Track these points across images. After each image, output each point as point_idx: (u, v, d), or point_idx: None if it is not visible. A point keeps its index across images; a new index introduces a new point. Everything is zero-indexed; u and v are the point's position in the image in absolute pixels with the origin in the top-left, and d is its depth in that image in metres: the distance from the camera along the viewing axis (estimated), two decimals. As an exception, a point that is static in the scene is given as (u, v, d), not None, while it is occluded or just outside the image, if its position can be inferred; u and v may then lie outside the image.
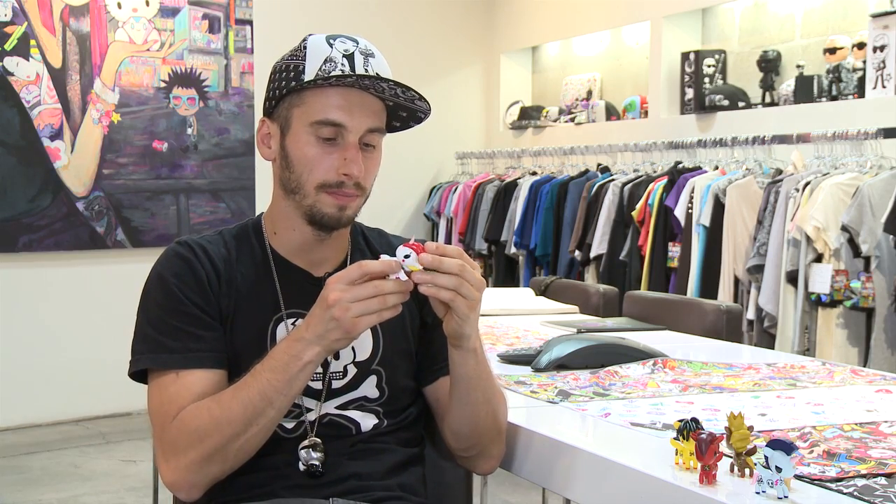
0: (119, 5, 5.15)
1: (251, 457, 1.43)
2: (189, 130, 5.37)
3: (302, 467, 1.47)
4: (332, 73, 1.46)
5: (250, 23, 5.53)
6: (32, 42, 4.94)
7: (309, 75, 1.47)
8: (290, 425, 1.48)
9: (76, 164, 5.06)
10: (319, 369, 1.50)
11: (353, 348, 1.53)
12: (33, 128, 4.94)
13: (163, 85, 5.28)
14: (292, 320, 1.52)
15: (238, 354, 1.49)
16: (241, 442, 1.39)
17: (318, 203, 1.49)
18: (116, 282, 5.20)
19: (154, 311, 1.49)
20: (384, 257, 1.36)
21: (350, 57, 1.48)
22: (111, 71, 5.14)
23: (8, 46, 4.88)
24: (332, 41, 1.50)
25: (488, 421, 1.52)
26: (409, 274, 1.34)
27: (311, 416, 1.49)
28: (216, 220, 5.42)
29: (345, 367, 1.53)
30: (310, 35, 1.53)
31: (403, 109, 1.54)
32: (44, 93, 4.97)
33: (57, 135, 5.01)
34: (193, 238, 1.55)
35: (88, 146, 5.09)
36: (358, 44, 1.50)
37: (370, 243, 1.64)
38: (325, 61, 1.48)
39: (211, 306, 1.49)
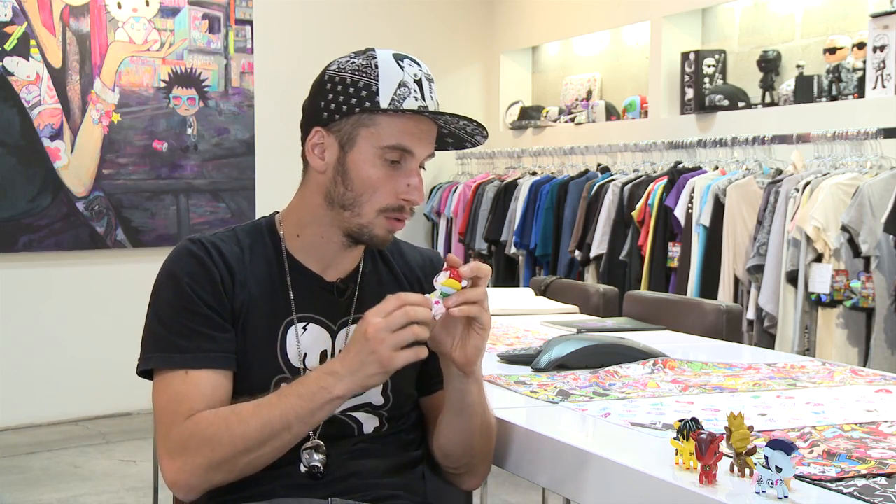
0: (119, 5, 5.15)
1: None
2: (189, 130, 5.37)
3: (303, 468, 1.47)
4: (407, 104, 1.46)
5: (250, 23, 5.53)
6: (32, 42, 4.94)
7: (384, 98, 1.46)
8: None
9: (76, 164, 5.06)
10: None
11: None
12: (33, 128, 4.95)
13: (163, 85, 5.29)
14: (303, 324, 1.52)
15: (248, 356, 1.48)
16: (251, 458, 1.39)
17: (372, 225, 1.49)
18: (116, 282, 5.20)
19: (165, 310, 1.48)
20: (427, 297, 1.38)
21: (419, 83, 1.49)
22: (111, 71, 5.14)
23: (8, 46, 4.88)
24: (401, 62, 1.49)
25: (483, 444, 1.54)
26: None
27: None
28: (216, 220, 5.42)
29: None
30: (375, 50, 1.51)
31: (452, 136, 1.56)
32: (44, 93, 4.97)
33: (57, 135, 5.01)
34: (206, 236, 1.53)
35: (88, 146, 5.09)
36: (422, 68, 1.51)
37: (385, 254, 1.64)
38: (400, 85, 1.47)
39: (223, 308, 1.48)
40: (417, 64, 1.51)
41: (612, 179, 4.77)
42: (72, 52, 5.04)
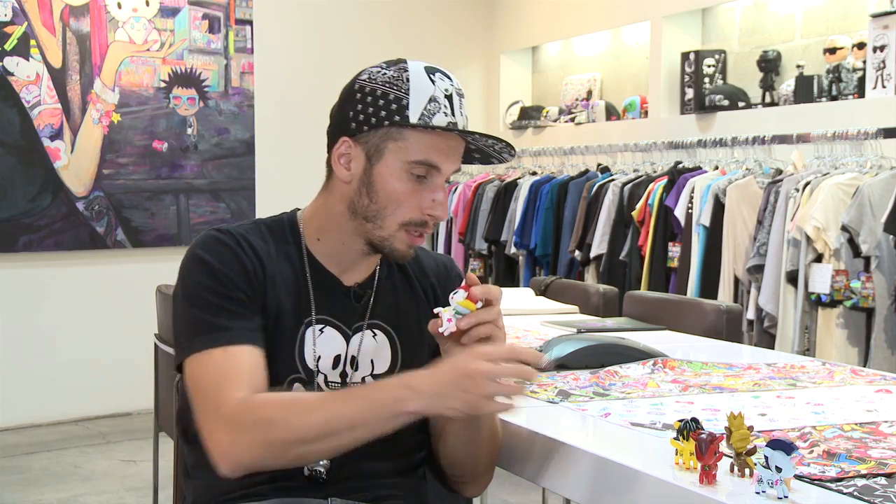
0: (119, 5, 5.15)
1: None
2: (189, 130, 5.37)
3: (306, 471, 1.47)
4: (437, 120, 1.46)
5: (250, 23, 5.53)
6: (32, 42, 4.94)
7: (414, 113, 1.46)
8: None
9: (76, 164, 5.06)
10: (337, 380, 1.51)
11: (371, 361, 1.55)
12: (33, 128, 4.95)
13: (163, 85, 5.29)
14: (320, 326, 1.52)
15: (270, 352, 1.47)
16: (306, 449, 1.37)
17: (392, 238, 1.50)
18: (116, 282, 5.20)
19: (198, 293, 1.45)
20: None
21: (450, 98, 1.48)
22: (111, 71, 5.14)
23: (8, 46, 4.88)
24: (432, 76, 1.48)
25: (487, 455, 1.55)
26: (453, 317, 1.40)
27: None
28: (216, 220, 5.42)
29: (363, 379, 1.54)
30: (407, 62, 1.50)
31: (479, 151, 1.56)
32: (44, 93, 4.97)
33: (57, 135, 5.01)
34: (232, 227, 1.52)
35: (88, 146, 5.09)
36: (453, 82, 1.50)
37: None
38: (430, 100, 1.47)
39: (255, 296, 1.47)
40: (449, 78, 1.50)
41: (612, 179, 4.77)
42: (72, 52, 5.04)
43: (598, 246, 4.67)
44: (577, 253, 4.83)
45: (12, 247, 4.93)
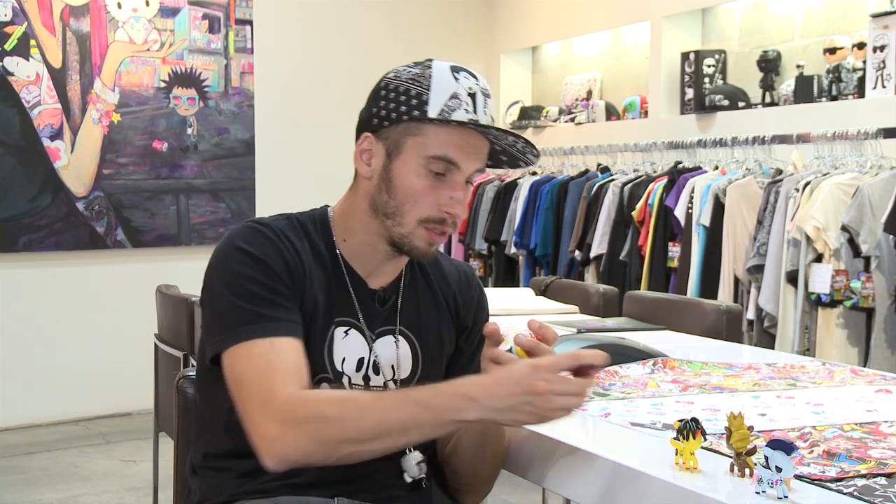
0: (119, 5, 5.15)
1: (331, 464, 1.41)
2: (189, 130, 5.37)
3: (409, 479, 1.49)
4: (457, 116, 1.45)
5: (250, 23, 5.53)
6: (32, 42, 4.94)
7: (433, 108, 1.46)
8: None
9: (76, 164, 5.06)
10: (360, 382, 1.51)
11: (392, 366, 1.55)
12: (33, 128, 4.95)
13: (163, 85, 5.29)
14: (346, 328, 1.51)
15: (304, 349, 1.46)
16: (355, 449, 1.34)
17: (411, 236, 1.49)
18: (116, 282, 5.20)
19: (241, 283, 1.43)
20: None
21: (473, 96, 1.48)
22: (111, 71, 5.14)
23: (8, 46, 4.88)
24: (456, 74, 1.49)
25: (490, 470, 1.56)
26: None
27: None
28: (216, 220, 5.42)
29: (385, 384, 1.54)
30: (434, 61, 1.52)
31: (506, 154, 1.55)
32: (44, 93, 4.97)
33: (57, 135, 5.01)
34: (268, 220, 1.51)
35: (88, 146, 5.09)
36: (478, 81, 1.50)
37: (423, 265, 1.63)
38: (452, 97, 1.46)
39: (296, 291, 1.46)
40: (475, 77, 1.50)
41: (612, 179, 4.77)
42: (72, 52, 5.04)
43: (598, 246, 4.67)
44: (577, 253, 4.83)
45: (12, 247, 4.93)
